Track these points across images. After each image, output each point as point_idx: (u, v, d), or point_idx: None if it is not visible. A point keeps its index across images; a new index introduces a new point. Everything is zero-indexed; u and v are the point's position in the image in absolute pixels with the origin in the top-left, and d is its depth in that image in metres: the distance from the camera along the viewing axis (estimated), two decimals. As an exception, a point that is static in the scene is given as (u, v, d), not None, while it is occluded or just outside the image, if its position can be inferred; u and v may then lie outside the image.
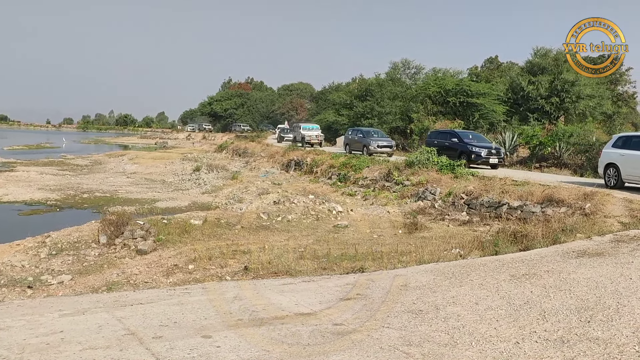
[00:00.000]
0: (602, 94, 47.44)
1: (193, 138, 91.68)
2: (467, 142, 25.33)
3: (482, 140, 26.84)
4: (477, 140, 26.06)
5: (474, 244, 10.95)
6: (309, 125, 48.83)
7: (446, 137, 26.68)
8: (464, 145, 25.04)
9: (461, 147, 25.06)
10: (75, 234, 14.30)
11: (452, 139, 26.03)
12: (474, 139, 26.23)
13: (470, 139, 25.89)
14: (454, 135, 26.52)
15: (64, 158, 50.23)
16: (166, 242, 13.52)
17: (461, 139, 25.64)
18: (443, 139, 26.55)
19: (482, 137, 28.32)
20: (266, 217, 17.14)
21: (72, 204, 23.60)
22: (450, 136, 26.58)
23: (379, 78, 53.64)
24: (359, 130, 35.37)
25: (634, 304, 5.63)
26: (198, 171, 38.05)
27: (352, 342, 4.70)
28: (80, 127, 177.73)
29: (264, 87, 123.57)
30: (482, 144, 25.53)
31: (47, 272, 11.68)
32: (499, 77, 54.27)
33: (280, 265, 10.03)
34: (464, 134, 26.65)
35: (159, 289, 8.78)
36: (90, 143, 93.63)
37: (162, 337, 4.66)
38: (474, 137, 26.75)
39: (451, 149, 25.16)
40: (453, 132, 27.19)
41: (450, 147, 25.36)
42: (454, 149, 25.15)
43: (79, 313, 5.44)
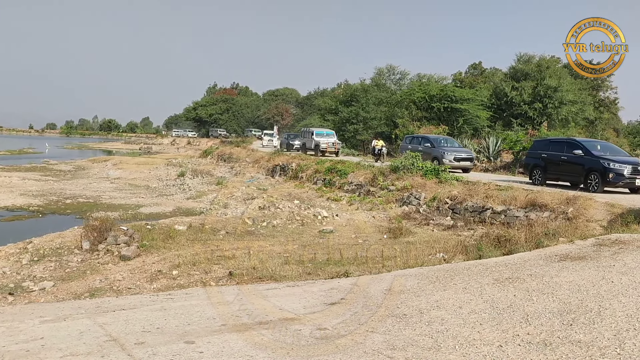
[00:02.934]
0: (584, 100, 48.12)
1: (178, 143, 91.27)
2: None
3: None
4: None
5: (457, 248, 11.00)
6: (323, 131, 40.77)
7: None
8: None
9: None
10: (58, 240, 14.15)
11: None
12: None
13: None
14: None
15: (46, 163, 49.69)
16: (150, 248, 13.42)
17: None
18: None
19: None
20: (251, 223, 17.10)
21: (54, 209, 23.35)
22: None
23: (364, 84, 53.89)
24: (425, 139, 28.16)
25: (616, 306, 5.68)
26: (183, 176, 37.88)
27: (336, 346, 4.69)
28: (64, 133, 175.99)
29: (249, 93, 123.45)
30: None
31: (29, 279, 11.53)
32: (483, 83, 54.74)
33: (265, 271, 9.99)
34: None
35: (142, 294, 8.71)
36: (73, 148, 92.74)
37: (144, 343, 4.62)
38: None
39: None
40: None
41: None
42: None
43: (60, 319, 5.38)
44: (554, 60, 51.08)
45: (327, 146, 37.40)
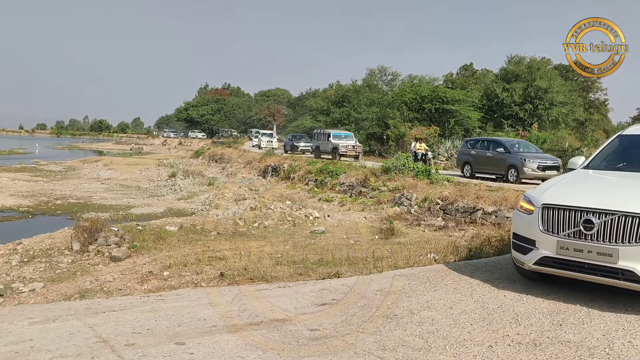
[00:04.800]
0: (575, 101, 48.47)
1: (169, 144, 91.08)
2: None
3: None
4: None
5: (449, 249, 11.01)
6: (341, 132, 38.39)
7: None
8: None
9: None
10: (48, 240, 14.06)
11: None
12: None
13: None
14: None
15: (37, 164, 49.40)
16: (141, 249, 13.36)
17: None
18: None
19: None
20: (242, 223, 17.06)
21: (45, 210, 23.23)
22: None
23: (355, 84, 54.01)
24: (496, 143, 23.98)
25: (605, 306, 5.73)
26: (174, 177, 37.81)
27: (327, 347, 4.70)
28: (54, 133, 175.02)
29: (240, 93, 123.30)
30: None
31: (19, 280, 11.45)
32: (474, 84, 55.03)
33: (256, 271, 9.97)
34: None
35: (133, 295, 8.68)
36: (64, 149, 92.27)
37: (134, 345, 4.60)
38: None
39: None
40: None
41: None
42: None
43: (50, 321, 5.35)
44: (545, 61, 51.42)
45: (347, 149, 35.10)
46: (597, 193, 6.32)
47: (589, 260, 5.68)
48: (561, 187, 6.73)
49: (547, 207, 6.12)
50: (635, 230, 5.46)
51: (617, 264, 5.50)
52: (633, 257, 5.43)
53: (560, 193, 6.41)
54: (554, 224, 6.00)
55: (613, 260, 5.52)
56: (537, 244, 6.16)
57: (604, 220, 5.61)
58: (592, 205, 5.78)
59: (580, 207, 5.82)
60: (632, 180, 6.67)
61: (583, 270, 5.80)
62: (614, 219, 5.57)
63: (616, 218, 5.56)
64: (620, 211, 5.56)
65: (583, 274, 5.84)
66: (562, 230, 5.92)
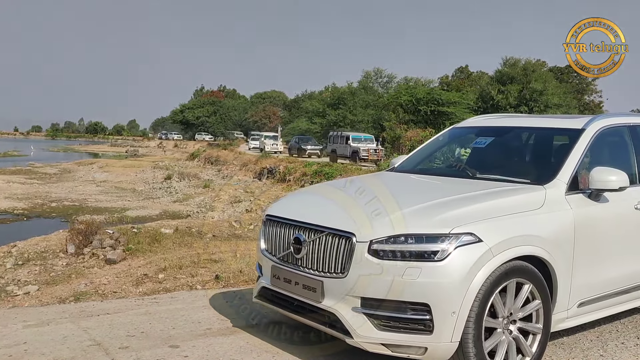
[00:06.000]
0: (570, 104, 48.64)
1: (164, 146, 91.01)
2: None
3: None
4: None
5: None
6: (361, 135, 37.47)
7: None
8: None
9: None
10: (43, 243, 14.03)
11: None
12: None
13: None
14: None
15: (32, 166, 49.32)
16: (136, 252, 13.34)
17: None
18: None
19: None
20: (238, 226, 17.06)
21: (40, 213, 23.18)
22: None
23: (351, 86, 54.06)
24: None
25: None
26: (169, 179, 37.75)
27: (320, 348, 4.70)
28: (49, 135, 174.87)
29: (236, 95, 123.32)
30: None
31: (13, 283, 11.44)
32: (469, 86, 55.20)
33: (251, 274, 9.97)
34: None
35: (128, 298, 8.66)
36: (59, 151, 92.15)
37: (128, 348, 4.60)
38: None
39: None
40: None
41: None
42: None
43: (44, 324, 5.34)
44: (540, 63, 51.60)
45: (368, 153, 34.15)
46: (319, 202, 4.71)
47: (296, 296, 4.20)
48: (298, 193, 5.63)
49: (270, 219, 4.62)
50: (340, 255, 3.86)
51: (320, 303, 3.97)
52: (336, 294, 3.86)
53: (289, 201, 5.16)
54: (273, 243, 4.53)
55: (316, 297, 3.98)
56: (263, 270, 4.74)
57: (312, 239, 4.08)
58: (304, 218, 4.25)
59: (292, 221, 4.33)
60: (420, 187, 5.16)
61: (292, 308, 4.33)
62: (322, 238, 4.02)
63: (323, 237, 4.01)
64: (328, 228, 4.00)
65: (293, 314, 4.37)
66: (278, 252, 4.43)
